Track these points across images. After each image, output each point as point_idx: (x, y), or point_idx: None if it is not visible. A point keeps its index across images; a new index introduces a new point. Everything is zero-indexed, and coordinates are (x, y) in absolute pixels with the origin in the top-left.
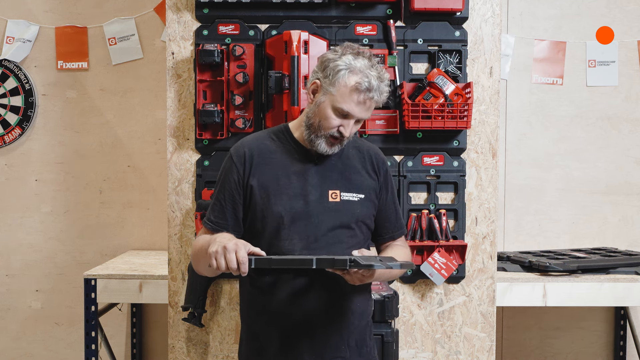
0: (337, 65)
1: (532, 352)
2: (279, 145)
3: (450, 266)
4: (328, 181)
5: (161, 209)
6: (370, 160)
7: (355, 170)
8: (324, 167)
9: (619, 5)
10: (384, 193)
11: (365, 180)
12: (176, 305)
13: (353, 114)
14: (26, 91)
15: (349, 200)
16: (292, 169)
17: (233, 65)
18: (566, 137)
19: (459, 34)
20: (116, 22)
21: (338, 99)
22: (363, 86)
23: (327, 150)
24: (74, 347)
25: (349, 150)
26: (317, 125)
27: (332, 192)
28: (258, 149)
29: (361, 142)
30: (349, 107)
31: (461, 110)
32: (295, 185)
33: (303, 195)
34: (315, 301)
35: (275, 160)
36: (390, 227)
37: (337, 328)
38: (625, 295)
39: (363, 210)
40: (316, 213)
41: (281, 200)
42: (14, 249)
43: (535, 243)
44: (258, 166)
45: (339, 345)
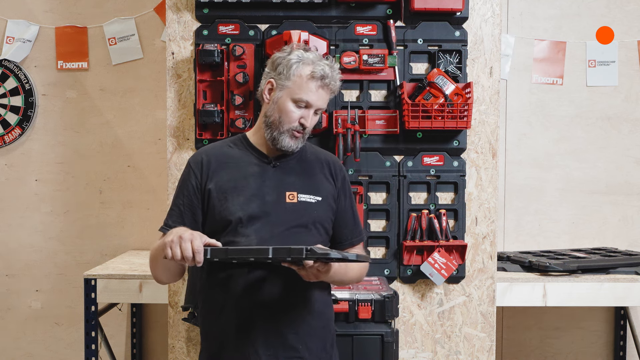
0: (290, 59)
1: (532, 352)
2: (236, 151)
3: (450, 266)
4: (285, 183)
5: (161, 209)
6: (328, 165)
7: (313, 173)
8: (282, 169)
9: (619, 5)
10: (342, 198)
11: (323, 183)
12: (176, 305)
13: (312, 103)
14: (26, 91)
15: (306, 201)
16: (250, 171)
17: (233, 65)
18: (566, 137)
19: (459, 34)
20: (116, 22)
21: (296, 91)
22: (318, 74)
23: (291, 145)
24: (74, 347)
25: (306, 155)
26: (278, 121)
27: (289, 194)
28: (215, 155)
29: (318, 149)
30: (307, 96)
31: (461, 110)
32: (252, 186)
33: (260, 197)
34: (271, 295)
35: (232, 164)
36: (348, 234)
37: (293, 325)
38: (625, 295)
39: (320, 212)
40: (273, 213)
41: (238, 201)
42: (14, 249)
43: (535, 243)
44: (215, 171)
45: (296, 345)
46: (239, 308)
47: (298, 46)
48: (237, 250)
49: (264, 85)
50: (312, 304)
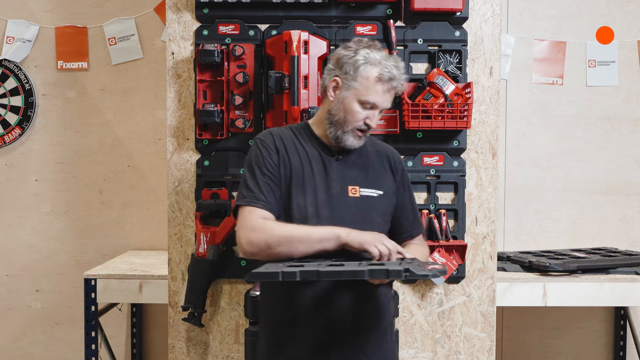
0: (356, 60)
1: (532, 352)
2: (300, 139)
3: (450, 266)
4: (348, 177)
5: (161, 209)
6: (388, 160)
7: (374, 168)
8: (344, 163)
9: (619, 5)
10: (401, 191)
11: (384, 178)
12: (176, 305)
13: (378, 104)
14: (26, 91)
15: (368, 195)
16: (314, 162)
17: (233, 65)
18: (566, 137)
19: (459, 34)
20: (116, 22)
21: (363, 92)
22: (385, 76)
23: (354, 144)
24: (74, 347)
25: (367, 149)
26: (343, 121)
27: (351, 188)
28: (285, 138)
29: (378, 142)
30: (374, 98)
31: (461, 110)
32: (317, 178)
33: (325, 189)
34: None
35: (299, 152)
36: (408, 226)
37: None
38: (625, 295)
39: (382, 206)
40: (338, 207)
41: (306, 192)
42: (14, 249)
43: (535, 243)
44: (286, 154)
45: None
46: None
47: (362, 43)
48: (330, 273)
49: (329, 82)
50: (377, 303)
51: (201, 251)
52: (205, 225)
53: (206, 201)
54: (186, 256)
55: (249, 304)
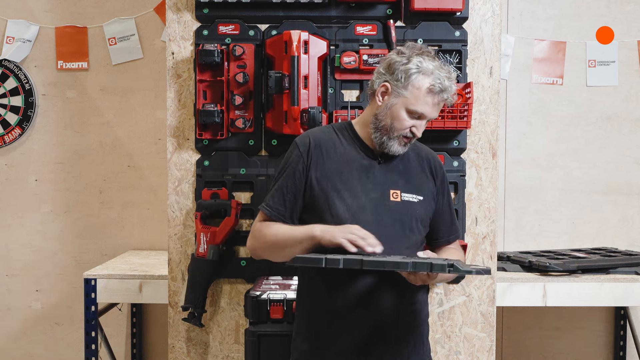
0: (409, 68)
1: (532, 352)
2: (343, 141)
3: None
4: (389, 181)
5: (161, 209)
6: (429, 164)
7: (415, 172)
8: (386, 167)
9: (619, 5)
10: (440, 197)
11: (424, 183)
12: (176, 305)
13: (427, 115)
14: (26, 91)
15: (409, 200)
16: (356, 165)
17: (233, 65)
18: (566, 137)
19: (459, 34)
20: (116, 22)
21: (412, 102)
22: (437, 88)
23: (399, 150)
24: (74, 347)
25: (408, 153)
26: (389, 127)
27: (393, 192)
28: (324, 140)
29: (420, 146)
30: (423, 108)
31: (461, 110)
32: (357, 182)
33: (365, 193)
34: (381, 306)
35: (339, 154)
36: (446, 231)
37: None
38: (625, 295)
39: (422, 212)
40: (377, 211)
41: (344, 195)
42: (14, 249)
43: (535, 243)
44: (322, 158)
45: (401, 346)
46: (349, 315)
47: (416, 49)
48: (374, 263)
49: (378, 87)
50: (416, 306)
51: (201, 251)
52: (205, 225)
53: (206, 201)
54: (186, 256)
55: (249, 304)
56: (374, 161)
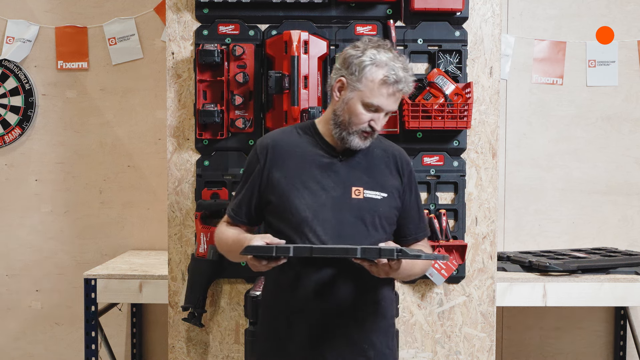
0: (362, 61)
1: (532, 352)
2: (304, 140)
3: (450, 266)
4: (352, 178)
5: (161, 209)
6: (395, 161)
7: (379, 169)
8: (349, 164)
9: (619, 5)
10: (407, 194)
11: (389, 179)
12: (176, 305)
13: (383, 108)
14: (26, 91)
15: (372, 198)
16: (316, 163)
17: (233, 65)
18: (566, 137)
19: (459, 34)
20: (116, 22)
21: (367, 95)
22: (391, 79)
23: (360, 145)
24: (74, 347)
25: (374, 150)
26: (347, 122)
27: (355, 189)
28: (283, 141)
29: (386, 142)
30: (379, 101)
31: (461, 110)
32: (318, 180)
33: (326, 191)
34: (339, 297)
35: (299, 153)
36: (413, 229)
37: (361, 325)
38: (625, 295)
39: (385, 209)
40: (338, 208)
41: (304, 194)
42: (14, 249)
43: (535, 243)
44: (282, 158)
45: (362, 345)
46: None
47: (371, 42)
48: (323, 249)
49: (334, 82)
50: (379, 303)
51: (201, 251)
52: (205, 225)
53: (206, 201)
54: (186, 256)
55: (249, 304)
56: (335, 159)
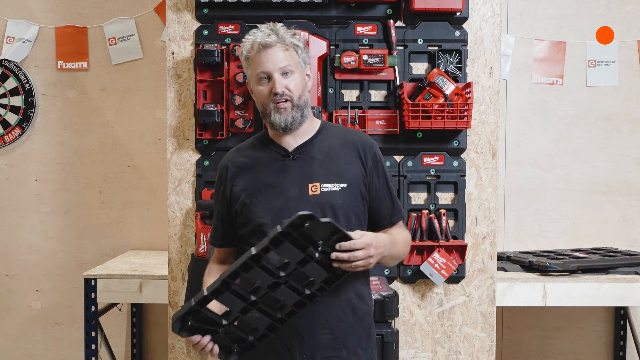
0: (241, 51)
1: (532, 352)
2: (258, 150)
3: (450, 266)
4: (307, 175)
5: (161, 209)
6: (355, 147)
7: (336, 159)
8: (303, 161)
9: (619, 5)
10: (374, 179)
11: (349, 168)
12: (176, 305)
13: (267, 69)
14: (26, 91)
15: (329, 191)
16: (271, 168)
17: (233, 65)
18: (566, 137)
19: (459, 34)
20: (116, 22)
21: (253, 72)
22: (256, 44)
23: (283, 119)
24: (74, 347)
25: (330, 140)
26: (262, 107)
27: (312, 186)
28: (237, 158)
29: (347, 130)
30: (259, 67)
31: (461, 110)
32: (274, 184)
33: (282, 193)
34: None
35: (254, 165)
36: (387, 213)
37: (329, 325)
38: (625, 295)
39: (345, 200)
40: (297, 208)
41: (262, 202)
42: (14, 249)
43: (535, 243)
44: (238, 174)
45: (332, 345)
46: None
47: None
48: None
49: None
50: (348, 301)
51: (201, 251)
52: (205, 225)
53: (206, 201)
54: (186, 256)
55: None
56: (287, 159)
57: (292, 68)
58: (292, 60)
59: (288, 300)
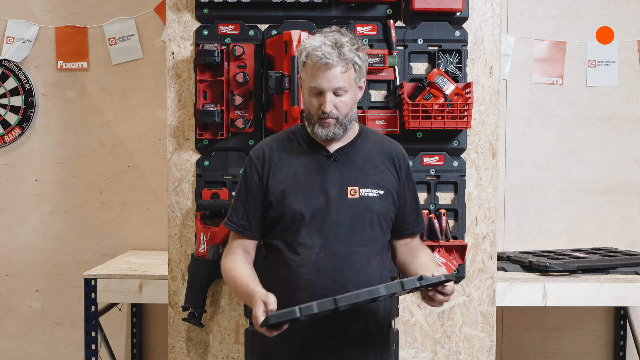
0: (301, 50)
1: (532, 352)
2: (296, 144)
3: (450, 266)
4: (347, 177)
5: (161, 209)
6: (391, 157)
7: (374, 166)
8: (343, 163)
9: (619, 5)
10: (405, 189)
11: (385, 176)
12: (176, 305)
13: (320, 87)
14: (26, 91)
15: (368, 196)
16: (311, 166)
17: (233, 65)
18: (566, 137)
19: (459, 34)
20: (116, 22)
21: (307, 80)
22: (317, 56)
23: (325, 133)
24: (74, 347)
25: (369, 146)
26: (308, 114)
27: (351, 189)
28: (276, 148)
29: (383, 138)
30: (314, 82)
31: (461, 110)
32: (314, 182)
33: (323, 192)
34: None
35: (293, 158)
36: (410, 224)
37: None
38: (625, 295)
39: (382, 207)
40: (335, 209)
41: (301, 198)
42: (14, 249)
43: (535, 243)
44: (277, 166)
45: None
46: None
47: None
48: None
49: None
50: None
51: (201, 251)
52: (205, 225)
53: (206, 201)
54: (186, 256)
55: None
56: (328, 159)
57: (346, 89)
58: (348, 81)
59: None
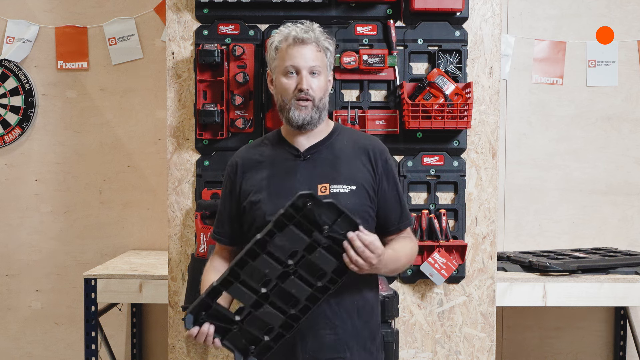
0: (271, 43)
1: (532, 352)
2: (269, 148)
3: (450, 266)
4: (317, 175)
5: (161, 209)
6: (366, 151)
7: (346, 161)
8: (313, 161)
9: (619, 5)
10: (384, 183)
11: (359, 171)
12: (176, 305)
13: (297, 64)
14: (26, 91)
15: (339, 192)
16: (282, 168)
17: (233, 65)
18: (566, 137)
19: (459, 34)
20: (116, 22)
21: (281, 63)
22: (291, 37)
23: (301, 116)
24: (74, 347)
25: (343, 143)
26: (282, 101)
27: (321, 186)
28: (248, 156)
29: (360, 135)
30: (290, 61)
31: (461, 110)
32: (283, 184)
33: (293, 192)
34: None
35: (265, 163)
36: (395, 219)
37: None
38: (625, 295)
39: (355, 202)
40: None
41: (270, 201)
42: (14, 249)
43: (535, 243)
44: (249, 172)
45: (337, 346)
46: None
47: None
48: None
49: (268, 80)
50: (353, 302)
51: (201, 251)
52: (205, 225)
53: (206, 201)
54: (186, 256)
55: None
56: (298, 158)
57: (320, 69)
58: (322, 63)
59: (300, 294)
